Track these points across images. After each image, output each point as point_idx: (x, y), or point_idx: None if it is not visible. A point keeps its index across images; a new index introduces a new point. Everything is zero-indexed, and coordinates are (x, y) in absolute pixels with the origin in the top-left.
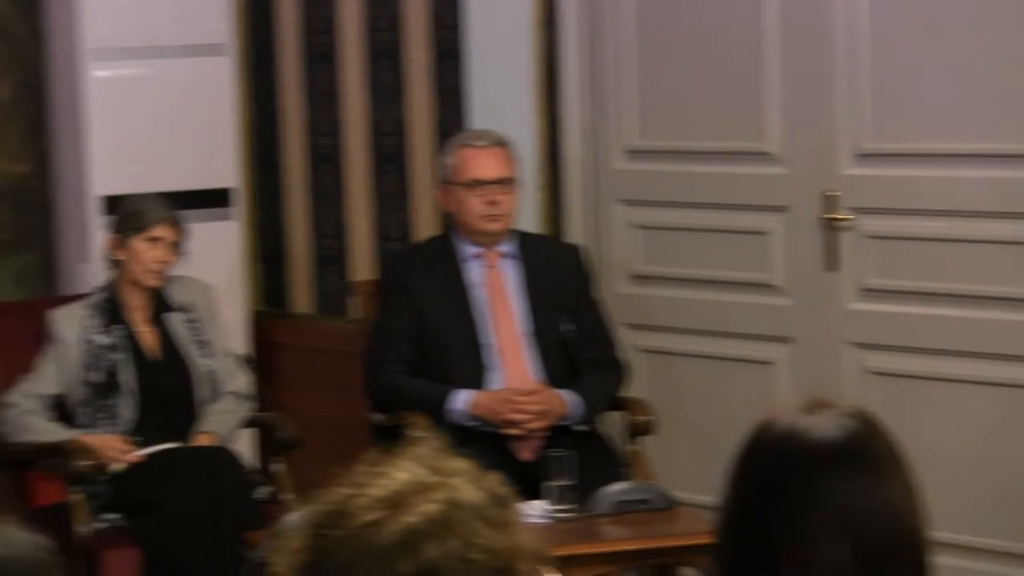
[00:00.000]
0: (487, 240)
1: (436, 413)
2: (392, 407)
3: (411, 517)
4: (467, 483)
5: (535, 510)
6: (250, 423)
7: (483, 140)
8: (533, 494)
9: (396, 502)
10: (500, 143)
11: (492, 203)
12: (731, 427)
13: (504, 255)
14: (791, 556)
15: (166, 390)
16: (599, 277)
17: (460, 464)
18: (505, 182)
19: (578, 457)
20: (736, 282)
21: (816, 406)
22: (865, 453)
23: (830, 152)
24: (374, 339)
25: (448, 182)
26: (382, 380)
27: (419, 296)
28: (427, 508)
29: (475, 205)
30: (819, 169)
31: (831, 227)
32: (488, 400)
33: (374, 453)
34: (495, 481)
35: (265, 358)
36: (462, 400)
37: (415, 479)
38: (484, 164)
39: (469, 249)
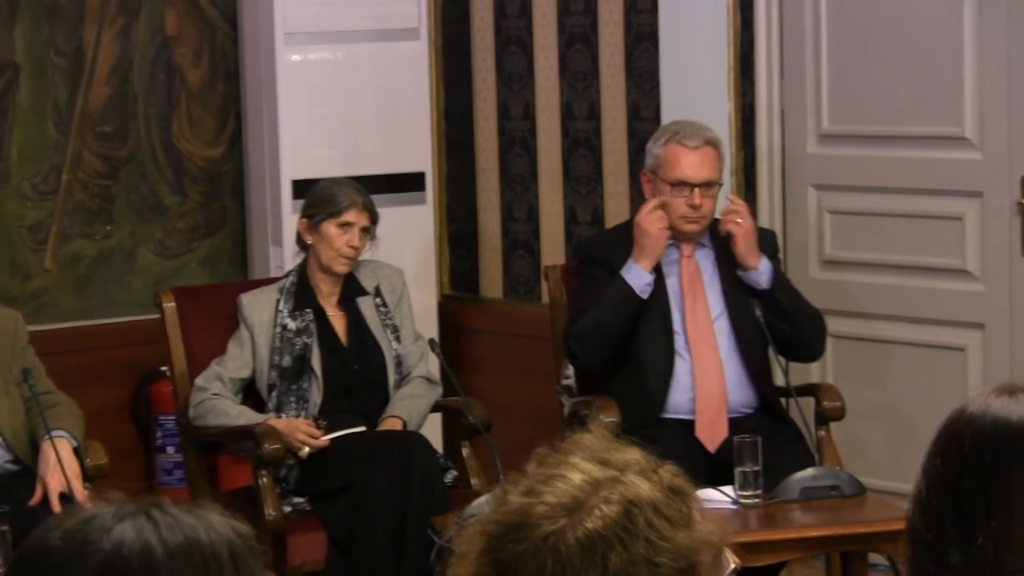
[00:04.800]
0: (682, 235)
1: (627, 301)
2: (590, 340)
3: (591, 523)
4: (641, 478)
5: (722, 496)
6: (439, 407)
7: (694, 140)
8: (721, 480)
9: (574, 507)
10: (711, 143)
11: (694, 206)
12: (923, 414)
13: (698, 244)
14: (988, 532)
15: (355, 374)
16: (789, 262)
17: (631, 454)
18: (710, 184)
19: (766, 443)
20: (928, 268)
21: (1014, 390)
22: None
23: None
24: (573, 314)
25: (653, 172)
26: (576, 324)
27: (612, 277)
28: (607, 511)
29: (677, 205)
30: (1015, 154)
31: None
32: None
33: (545, 448)
34: (669, 472)
35: (454, 342)
36: (634, 271)
37: (589, 478)
38: (692, 164)
39: None
